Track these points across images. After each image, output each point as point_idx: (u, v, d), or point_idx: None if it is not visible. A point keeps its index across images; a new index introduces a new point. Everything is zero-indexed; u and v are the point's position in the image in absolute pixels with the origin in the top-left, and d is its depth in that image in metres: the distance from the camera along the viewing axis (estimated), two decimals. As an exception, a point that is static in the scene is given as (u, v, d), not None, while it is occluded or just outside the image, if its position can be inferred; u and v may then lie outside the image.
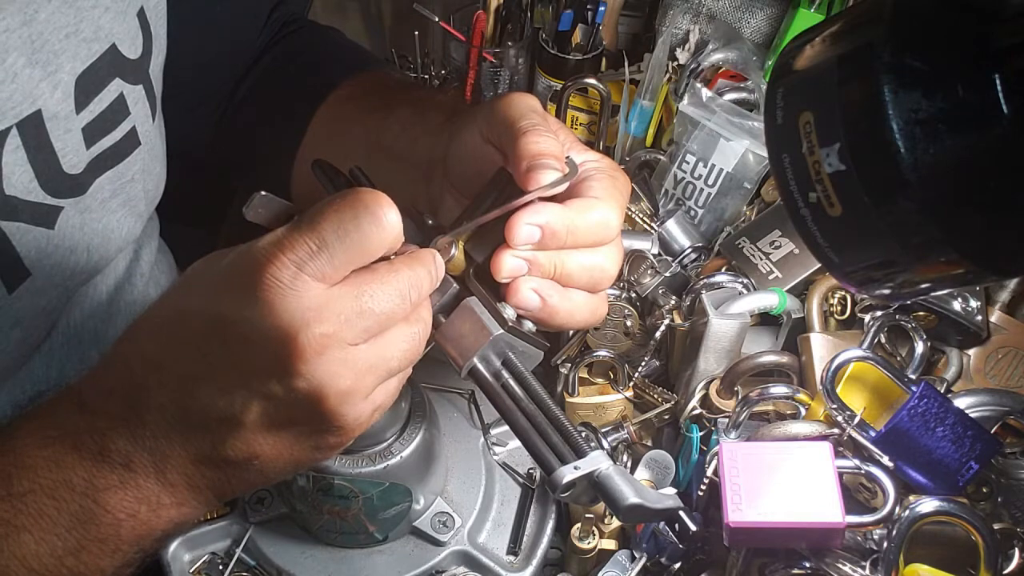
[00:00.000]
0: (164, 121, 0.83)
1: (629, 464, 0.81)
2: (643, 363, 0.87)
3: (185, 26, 0.83)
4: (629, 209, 0.93)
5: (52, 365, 0.76)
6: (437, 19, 1.19)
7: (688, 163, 0.97)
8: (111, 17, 0.71)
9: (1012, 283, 0.85)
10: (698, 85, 0.99)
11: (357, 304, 0.53)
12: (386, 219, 0.54)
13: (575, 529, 0.77)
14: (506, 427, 0.75)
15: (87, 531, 0.57)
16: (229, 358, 0.53)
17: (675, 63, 1.08)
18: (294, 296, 0.51)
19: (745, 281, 0.87)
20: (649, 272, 0.90)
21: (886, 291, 0.51)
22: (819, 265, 0.75)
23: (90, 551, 0.57)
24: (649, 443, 0.84)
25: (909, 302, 0.81)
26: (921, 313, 0.83)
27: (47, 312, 0.74)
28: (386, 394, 0.58)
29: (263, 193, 0.56)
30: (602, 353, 0.85)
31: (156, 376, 0.55)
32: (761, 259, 0.89)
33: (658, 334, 0.87)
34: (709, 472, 0.74)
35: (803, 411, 0.78)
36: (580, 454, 0.60)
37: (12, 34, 0.63)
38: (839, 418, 0.74)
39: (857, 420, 0.73)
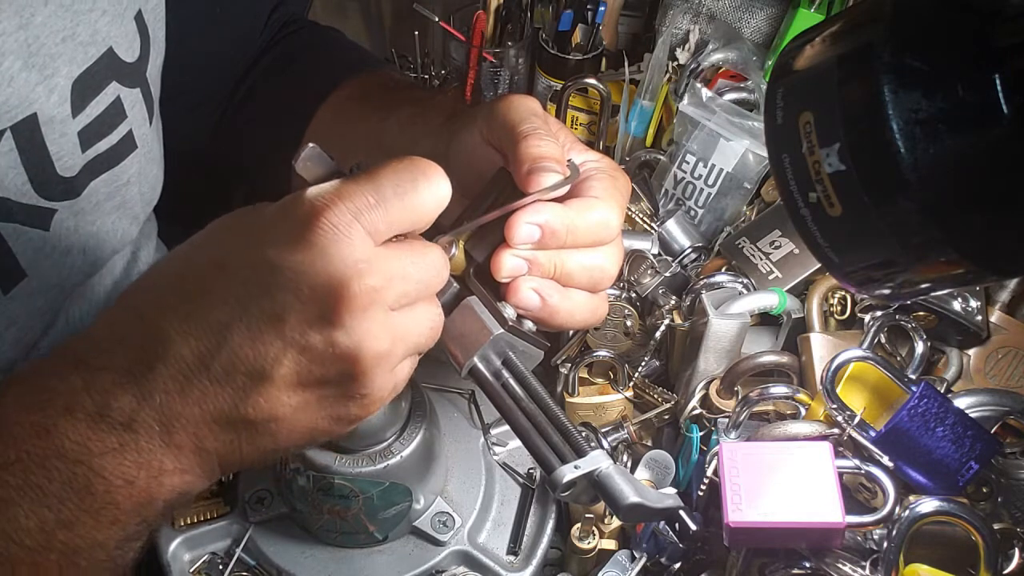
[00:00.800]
0: (164, 122, 0.83)
1: (629, 464, 0.81)
2: (643, 363, 0.87)
3: (185, 27, 0.83)
4: (629, 209, 0.93)
5: None
6: (437, 19, 1.19)
7: (688, 163, 0.97)
8: (108, 21, 0.71)
9: (1012, 283, 0.85)
10: (698, 85, 0.99)
11: (401, 266, 0.53)
12: (441, 186, 0.54)
13: (575, 529, 0.77)
14: (506, 427, 0.75)
15: (81, 501, 0.53)
16: (270, 305, 0.51)
17: (675, 63, 1.08)
18: (348, 244, 0.51)
19: (745, 281, 0.87)
20: (649, 272, 0.90)
21: (886, 291, 0.51)
22: (819, 265, 0.75)
23: (85, 523, 0.54)
24: (649, 443, 0.84)
25: (909, 302, 0.81)
26: (921, 313, 0.83)
27: (43, 313, 0.74)
28: (403, 374, 0.57)
29: (313, 146, 0.55)
30: (602, 353, 0.85)
31: (180, 325, 0.52)
32: (761, 259, 0.89)
33: (658, 334, 0.87)
34: (709, 472, 0.74)
35: (803, 411, 0.78)
36: (580, 454, 0.60)
37: (8, 38, 0.63)
38: (839, 418, 0.74)
39: (857, 420, 0.73)
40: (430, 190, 0.54)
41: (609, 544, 0.78)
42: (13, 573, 0.53)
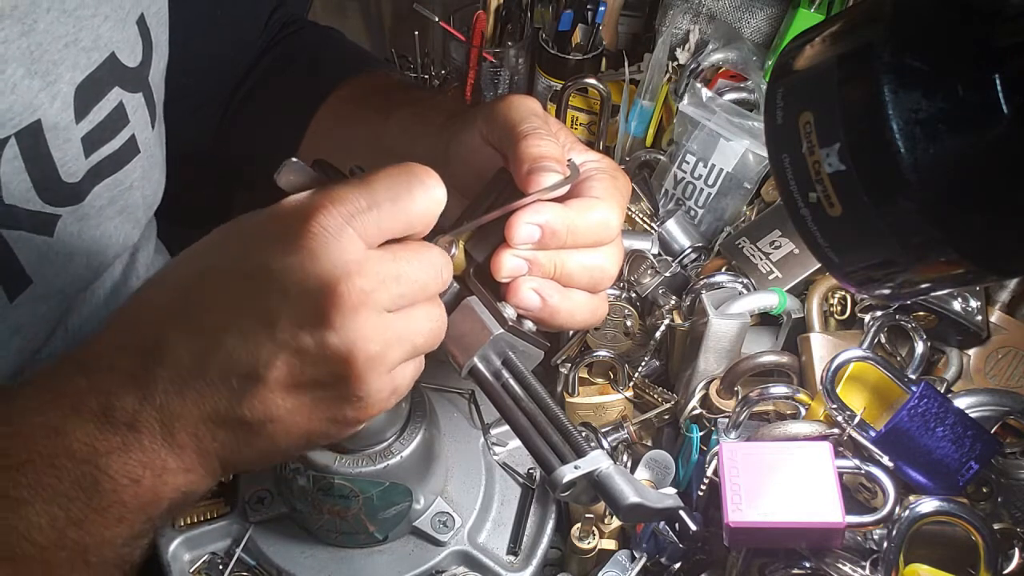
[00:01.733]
0: (165, 124, 0.83)
1: (629, 464, 0.81)
2: (643, 363, 0.87)
3: (186, 30, 0.83)
4: (629, 209, 0.93)
5: None
6: (437, 19, 1.19)
7: (688, 163, 0.97)
8: (110, 26, 0.71)
9: (1012, 283, 0.85)
10: (698, 85, 0.99)
11: (395, 268, 0.53)
12: (436, 192, 0.54)
13: (575, 529, 0.77)
14: (506, 427, 0.75)
15: (89, 500, 0.54)
16: (262, 308, 0.52)
17: (675, 63, 1.08)
18: (338, 247, 0.51)
19: (745, 281, 0.87)
20: (649, 272, 0.90)
21: (886, 291, 0.51)
22: (819, 265, 0.75)
23: (94, 521, 0.55)
24: (649, 443, 0.84)
25: (909, 302, 0.81)
26: (921, 313, 0.83)
27: (46, 319, 0.73)
28: (404, 377, 0.57)
29: (294, 160, 0.56)
30: (602, 353, 0.85)
31: (177, 330, 0.53)
32: (761, 259, 0.89)
33: (658, 334, 0.87)
34: (709, 472, 0.74)
35: (803, 411, 0.78)
36: (580, 454, 0.60)
37: (11, 45, 0.63)
38: (839, 418, 0.74)
39: (857, 420, 0.73)
40: (425, 195, 0.54)
41: (609, 544, 0.78)
42: (26, 570, 0.54)
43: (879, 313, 0.82)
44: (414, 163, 0.55)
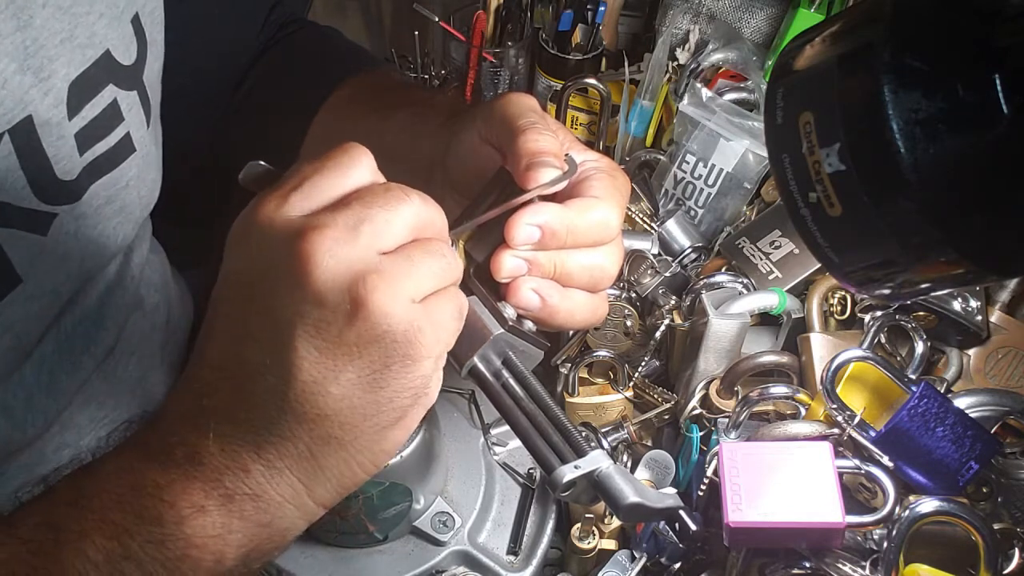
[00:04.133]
0: (163, 124, 0.83)
1: (629, 464, 0.81)
2: (643, 363, 0.87)
3: (183, 29, 0.83)
4: (629, 209, 0.93)
5: (44, 370, 0.75)
6: (437, 19, 1.19)
7: (688, 163, 0.97)
8: (105, 23, 0.71)
9: (1012, 283, 0.85)
10: (698, 85, 0.99)
11: (348, 209, 0.52)
12: (362, 157, 0.54)
13: (575, 529, 0.77)
14: (506, 427, 0.75)
15: (150, 533, 0.52)
16: (255, 307, 0.52)
17: (675, 63, 1.08)
18: (286, 221, 0.51)
19: (745, 281, 0.87)
20: (649, 272, 0.90)
21: (886, 291, 0.51)
22: (819, 265, 0.75)
23: (153, 558, 0.52)
24: (649, 443, 0.84)
25: (909, 302, 0.81)
26: (921, 313, 0.83)
27: (39, 318, 0.73)
28: (441, 311, 0.54)
29: (259, 162, 0.57)
30: (602, 353, 0.85)
31: (206, 364, 0.54)
32: (761, 259, 0.89)
33: (658, 334, 0.87)
34: (709, 472, 0.74)
35: (803, 411, 0.78)
36: (580, 453, 0.60)
37: (5, 40, 0.63)
38: (839, 418, 0.74)
39: (857, 420, 0.73)
40: (345, 158, 0.54)
41: (609, 544, 0.78)
42: None
43: (879, 313, 0.82)
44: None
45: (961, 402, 0.75)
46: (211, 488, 0.53)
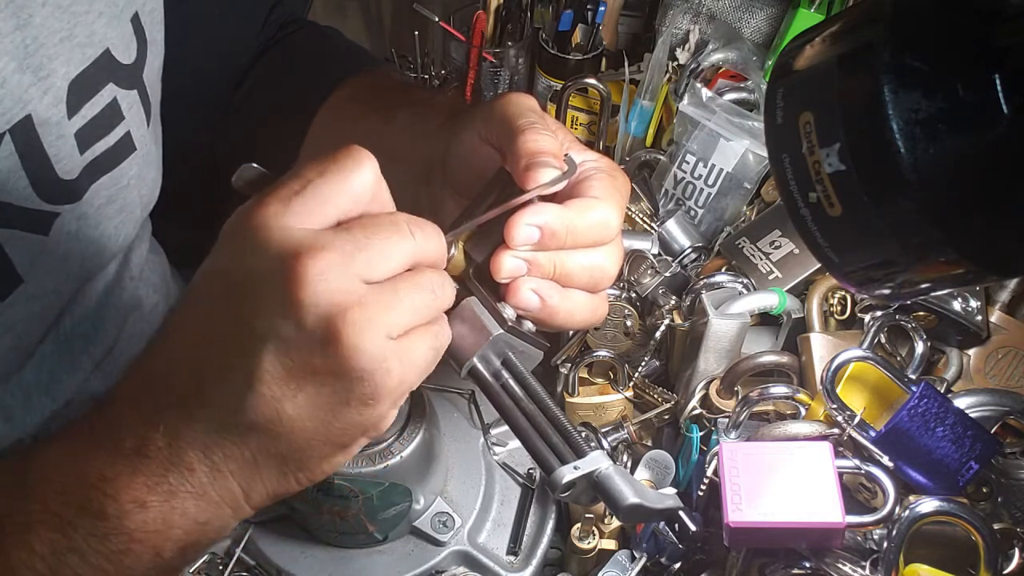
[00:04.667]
0: (164, 124, 0.83)
1: (629, 464, 0.81)
2: (643, 363, 0.87)
3: (183, 28, 0.83)
4: (629, 209, 0.93)
5: (43, 370, 0.75)
6: (437, 19, 1.19)
7: (688, 163, 0.97)
8: (105, 22, 0.71)
9: (1012, 283, 0.85)
10: (698, 85, 0.99)
11: (349, 235, 0.52)
12: (365, 161, 0.54)
13: (575, 529, 0.77)
14: (506, 427, 0.75)
15: (93, 526, 0.53)
16: (233, 309, 0.52)
17: (675, 63, 1.08)
18: (284, 232, 0.51)
19: (745, 281, 0.87)
20: (649, 272, 0.90)
21: (886, 291, 0.51)
22: (819, 265, 0.75)
23: (96, 551, 0.54)
24: (649, 443, 0.84)
25: (909, 302, 0.81)
26: (921, 313, 0.83)
27: (40, 318, 0.73)
28: (417, 348, 0.54)
29: (253, 165, 0.57)
30: (602, 353, 0.85)
31: (167, 355, 0.54)
32: (761, 259, 0.89)
33: (658, 334, 0.87)
34: (709, 472, 0.74)
35: (803, 411, 0.78)
36: (580, 454, 0.60)
37: (4, 39, 0.63)
38: (839, 418, 0.74)
39: (857, 420, 0.73)
40: (354, 166, 0.53)
41: (609, 544, 0.78)
42: None
43: (879, 313, 0.82)
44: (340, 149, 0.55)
45: (961, 402, 0.75)
46: (155, 483, 0.53)
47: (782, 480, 0.69)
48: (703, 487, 0.75)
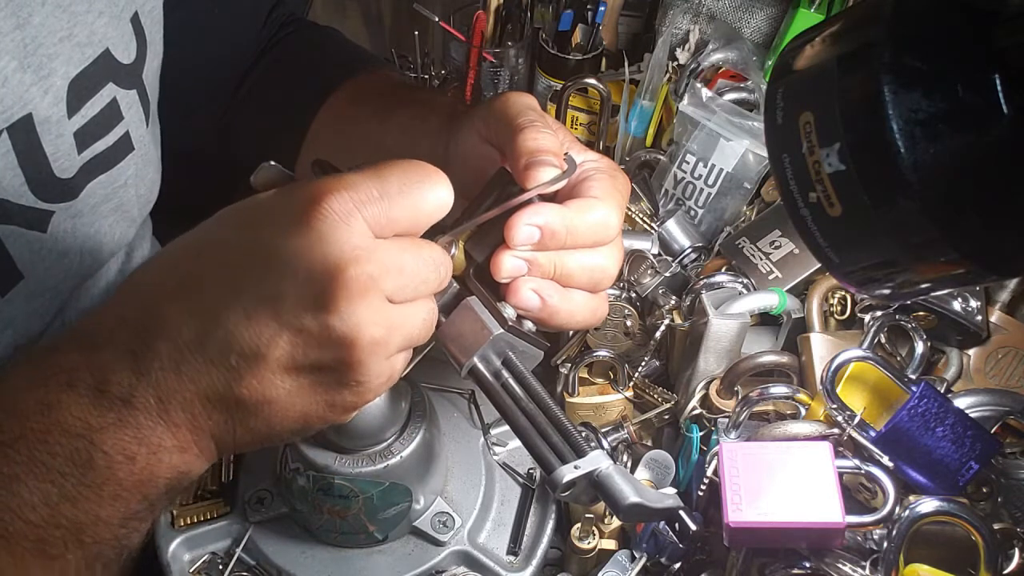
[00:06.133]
0: (163, 123, 0.83)
1: (629, 464, 0.81)
2: (643, 363, 0.87)
3: (183, 29, 0.83)
4: (629, 209, 0.93)
5: None
6: (437, 19, 1.19)
7: (688, 163, 0.97)
8: (105, 22, 0.71)
9: (1012, 283, 0.85)
10: (698, 85, 0.99)
11: (399, 259, 0.53)
12: (445, 190, 0.55)
13: (575, 529, 0.77)
14: (506, 427, 0.75)
15: (84, 476, 0.53)
16: (265, 287, 0.51)
17: (675, 63, 1.08)
18: (347, 231, 0.51)
19: (745, 281, 0.87)
20: (649, 272, 0.90)
21: (886, 291, 0.51)
22: (819, 265, 0.75)
23: (88, 498, 0.54)
24: (649, 443, 0.84)
25: (909, 302, 0.81)
26: (921, 313, 0.83)
27: (40, 315, 0.73)
28: (399, 365, 0.57)
29: (271, 163, 0.57)
30: (602, 353, 0.85)
31: (176, 305, 0.53)
32: (761, 259, 0.89)
33: (658, 334, 0.87)
34: (709, 472, 0.74)
35: (803, 411, 0.78)
36: (580, 454, 0.60)
37: (4, 38, 0.63)
38: (839, 418, 0.74)
39: (857, 420, 0.73)
40: (433, 192, 0.55)
41: (609, 544, 0.78)
42: (18, 549, 0.53)
43: (879, 313, 0.82)
44: (424, 162, 0.55)
45: (961, 402, 0.75)
46: (143, 437, 0.54)
47: (782, 480, 0.69)
48: (703, 487, 0.75)
